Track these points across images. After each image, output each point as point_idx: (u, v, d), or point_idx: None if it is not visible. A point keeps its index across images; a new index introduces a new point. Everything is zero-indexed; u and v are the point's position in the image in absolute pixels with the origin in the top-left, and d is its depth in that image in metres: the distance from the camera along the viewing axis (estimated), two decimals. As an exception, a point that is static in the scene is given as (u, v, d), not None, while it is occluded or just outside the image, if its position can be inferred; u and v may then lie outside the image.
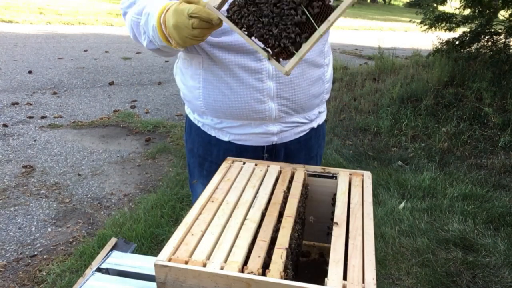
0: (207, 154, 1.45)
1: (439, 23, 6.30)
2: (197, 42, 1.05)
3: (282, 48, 0.95)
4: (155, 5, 1.12)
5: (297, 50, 0.93)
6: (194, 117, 1.44)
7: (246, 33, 0.97)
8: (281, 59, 0.97)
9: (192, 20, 0.97)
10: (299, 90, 1.34)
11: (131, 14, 1.22)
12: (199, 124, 1.43)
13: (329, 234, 1.02)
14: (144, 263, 1.22)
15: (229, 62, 1.25)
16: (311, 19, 0.91)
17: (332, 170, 1.31)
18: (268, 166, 1.30)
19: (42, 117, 4.80)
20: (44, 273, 2.46)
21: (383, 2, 33.94)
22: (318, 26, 0.90)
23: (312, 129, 1.48)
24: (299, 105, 1.37)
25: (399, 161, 4.05)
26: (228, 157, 1.31)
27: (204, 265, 0.87)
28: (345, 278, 0.86)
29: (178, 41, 1.03)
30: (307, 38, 0.92)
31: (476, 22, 6.07)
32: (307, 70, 1.33)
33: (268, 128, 1.35)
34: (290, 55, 0.95)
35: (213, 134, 1.41)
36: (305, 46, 0.92)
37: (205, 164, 1.46)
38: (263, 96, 1.28)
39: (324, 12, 0.90)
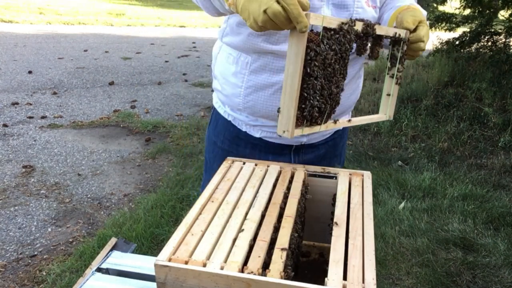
0: (232, 148, 1.42)
1: (439, 23, 6.31)
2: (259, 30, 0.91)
3: (313, 121, 0.97)
4: None
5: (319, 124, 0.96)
6: (225, 111, 1.41)
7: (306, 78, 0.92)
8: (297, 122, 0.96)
9: (276, 7, 0.83)
10: (342, 99, 1.35)
11: None
12: (230, 118, 1.41)
13: (329, 234, 1.02)
14: (144, 263, 1.22)
15: (279, 69, 1.23)
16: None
17: (332, 170, 1.31)
18: (268, 166, 1.30)
19: (42, 117, 4.80)
20: (44, 273, 2.46)
21: (383, 2, 33.92)
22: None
23: (338, 129, 1.50)
24: (338, 112, 1.37)
25: (399, 161, 4.05)
26: (228, 157, 1.31)
27: (204, 265, 0.87)
28: (345, 278, 0.86)
29: (240, 11, 0.91)
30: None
31: (476, 22, 6.07)
32: (352, 81, 1.36)
33: None
34: (309, 125, 0.98)
35: (243, 129, 1.39)
36: (320, 127, 0.95)
37: (228, 157, 1.43)
38: None
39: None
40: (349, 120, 1.22)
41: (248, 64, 1.27)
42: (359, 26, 1.05)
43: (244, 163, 1.27)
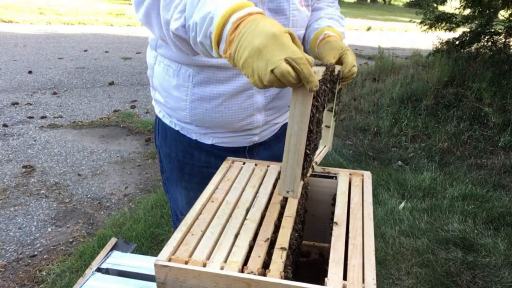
0: (187, 158, 1.38)
1: (439, 23, 6.31)
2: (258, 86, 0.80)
3: (305, 173, 0.96)
4: None
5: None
6: (170, 121, 1.36)
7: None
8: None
9: (285, 67, 0.74)
10: (286, 99, 1.36)
11: None
12: (177, 128, 1.36)
13: (329, 234, 1.02)
14: (144, 263, 1.22)
15: (224, 79, 1.20)
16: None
17: (332, 170, 1.31)
18: (268, 166, 1.30)
19: (42, 117, 4.80)
20: (44, 273, 2.46)
21: (383, 2, 33.93)
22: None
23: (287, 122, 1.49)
24: (284, 111, 1.39)
25: (399, 161, 4.05)
26: (228, 157, 1.31)
27: (204, 265, 0.87)
28: (345, 278, 0.86)
29: (241, 66, 0.79)
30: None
31: (476, 22, 6.07)
32: None
33: (251, 131, 1.35)
34: (303, 178, 0.98)
35: (194, 138, 1.35)
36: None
37: (185, 168, 1.40)
38: (252, 110, 1.27)
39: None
40: (316, 162, 1.21)
41: (190, 77, 1.21)
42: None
43: (244, 163, 1.27)
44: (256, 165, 1.26)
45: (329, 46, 1.22)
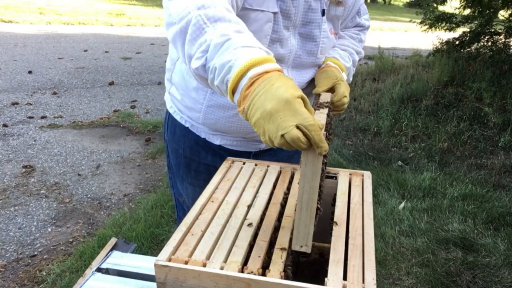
0: (194, 155, 1.41)
1: (439, 23, 6.31)
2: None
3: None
4: (247, 37, 0.87)
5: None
6: (181, 117, 1.38)
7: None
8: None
9: (295, 133, 0.74)
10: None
11: (195, 4, 0.90)
12: (187, 125, 1.38)
13: (329, 234, 1.02)
14: (144, 263, 1.22)
15: None
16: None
17: (332, 170, 1.31)
18: (268, 166, 1.30)
19: (42, 117, 4.80)
20: (44, 273, 2.46)
21: (383, 2, 33.94)
22: None
23: None
24: None
25: (399, 161, 4.05)
26: (228, 157, 1.31)
27: (204, 265, 0.87)
28: (345, 278, 0.86)
29: (253, 125, 0.79)
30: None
31: (476, 22, 6.07)
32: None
33: (260, 139, 1.37)
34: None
35: (202, 136, 1.37)
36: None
37: (192, 164, 1.42)
38: None
39: None
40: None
41: None
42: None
43: (244, 163, 1.27)
44: (256, 165, 1.26)
45: (325, 75, 1.28)
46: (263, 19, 1.13)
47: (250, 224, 0.98)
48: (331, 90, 1.27)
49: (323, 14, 1.23)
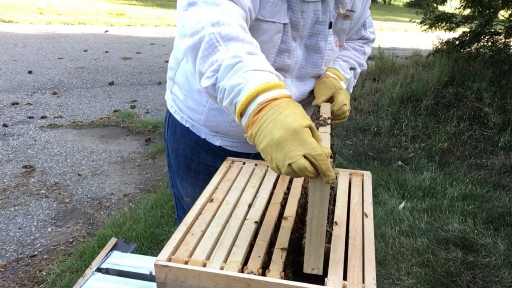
0: (194, 155, 1.41)
1: (439, 23, 6.30)
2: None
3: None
4: (258, 60, 0.87)
5: None
6: (182, 117, 1.38)
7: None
8: None
9: (302, 163, 0.75)
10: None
11: (209, 20, 0.91)
12: (188, 125, 1.38)
13: (329, 234, 1.02)
14: (144, 263, 1.22)
15: None
16: None
17: (332, 170, 1.31)
18: (268, 166, 1.30)
19: (42, 117, 4.80)
20: (44, 273, 2.46)
21: (383, 2, 33.94)
22: None
23: None
24: None
25: (399, 161, 4.05)
26: (228, 157, 1.31)
27: (204, 265, 0.87)
28: (345, 278, 0.86)
29: (261, 151, 0.80)
30: None
31: (476, 22, 6.07)
32: (306, 105, 1.39)
33: None
34: None
35: (203, 137, 1.37)
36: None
37: (192, 164, 1.42)
38: None
39: None
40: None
41: None
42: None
43: (244, 163, 1.27)
44: (256, 165, 1.26)
45: (323, 85, 1.30)
46: (273, 30, 1.14)
47: (256, 222, 0.98)
48: (330, 99, 1.28)
49: (330, 26, 1.24)
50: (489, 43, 5.99)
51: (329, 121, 1.11)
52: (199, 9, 0.93)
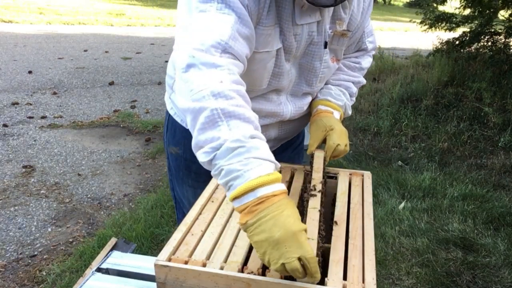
0: (194, 157, 1.38)
1: (439, 23, 6.30)
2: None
3: None
4: (260, 146, 0.87)
5: None
6: (182, 119, 1.38)
7: None
8: None
9: (295, 264, 0.79)
10: (295, 131, 1.46)
11: (211, 90, 0.89)
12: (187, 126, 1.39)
13: (329, 234, 1.02)
14: (144, 263, 1.22)
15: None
16: None
17: (332, 170, 1.31)
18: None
19: (42, 117, 4.80)
20: (44, 273, 2.46)
21: (383, 2, 33.93)
22: None
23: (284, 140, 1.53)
24: (290, 137, 1.48)
25: (399, 161, 4.05)
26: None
27: (204, 265, 0.87)
28: (345, 278, 0.86)
29: (254, 243, 0.83)
30: None
31: (476, 22, 6.06)
32: (305, 116, 1.41)
33: None
34: None
35: None
36: None
37: (192, 166, 1.40)
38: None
39: None
40: None
41: None
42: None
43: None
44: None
45: (315, 127, 1.30)
46: (267, 58, 1.14)
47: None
48: (324, 140, 1.29)
49: (325, 46, 1.22)
50: (489, 43, 5.99)
51: (319, 188, 1.11)
52: (199, 71, 0.91)
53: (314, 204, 1.04)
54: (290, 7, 1.09)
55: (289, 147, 1.54)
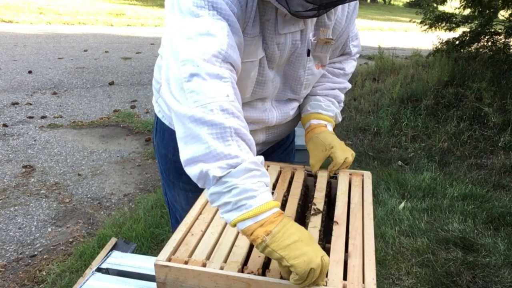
0: None
1: (439, 23, 6.31)
2: None
3: None
4: (268, 177, 0.91)
5: None
6: (170, 122, 1.36)
7: None
8: None
9: (327, 259, 0.85)
10: (285, 132, 1.44)
11: (220, 104, 0.89)
12: None
13: (329, 234, 1.02)
14: (144, 263, 1.22)
15: None
16: None
17: (332, 170, 1.31)
18: (268, 166, 1.30)
19: (42, 117, 4.80)
20: (44, 273, 2.46)
21: (383, 2, 33.93)
22: None
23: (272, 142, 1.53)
24: (278, 141, 1.48)
25: (399, 161, 4.05)
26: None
27: (204, 265, 0.87)
28: (345, 278, 0.86)
29: (288, 245, 0.85)
30: None
31: (476, 22, 6.07)
32: (293, 119, 1.41)
33: None
34: None
35: None
36: None
37: (182, 168, 1.40)
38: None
39: None
40: None
41: None
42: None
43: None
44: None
45: (313, 145, 1.31)
46: (251, 67, 1.13)
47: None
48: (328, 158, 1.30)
49: (308, 54, 1.21)
50: (489, 43, 5.99)
51: (321, 208, 1.12)
52: (204, 81, 0.90)
53: (315, 223, 1.05)
54: (273, 17, 1.08)
55: (279, 148, 1.53)
